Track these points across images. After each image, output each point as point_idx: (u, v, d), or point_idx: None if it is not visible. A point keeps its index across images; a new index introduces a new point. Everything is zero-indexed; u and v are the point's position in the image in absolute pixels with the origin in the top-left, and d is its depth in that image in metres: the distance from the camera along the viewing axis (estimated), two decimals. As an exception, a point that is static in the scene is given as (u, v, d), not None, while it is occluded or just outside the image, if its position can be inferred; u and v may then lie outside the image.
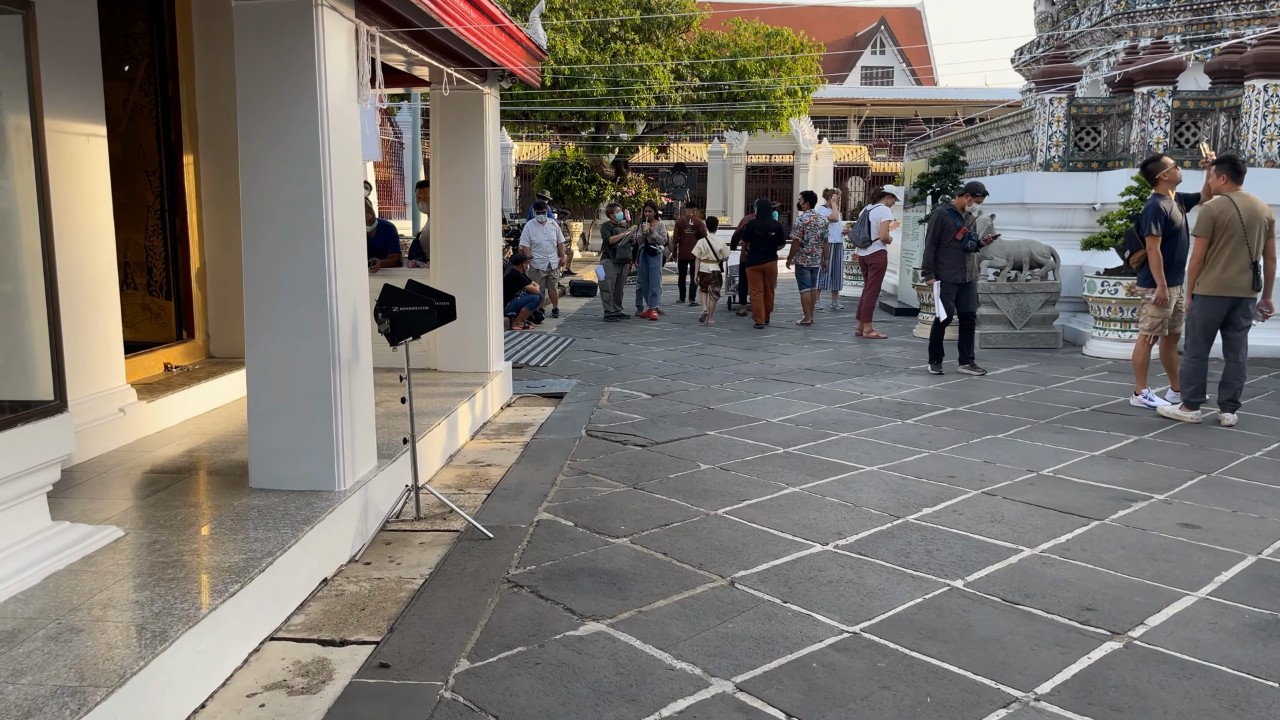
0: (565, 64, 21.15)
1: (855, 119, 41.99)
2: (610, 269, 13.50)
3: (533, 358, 10.02)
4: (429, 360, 7.66)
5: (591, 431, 6.79)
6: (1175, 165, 7.46)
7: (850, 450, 6.27)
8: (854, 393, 8.19)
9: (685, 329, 12.60)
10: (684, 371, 9.29)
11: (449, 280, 7.46)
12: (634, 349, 10.81)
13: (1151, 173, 7.49)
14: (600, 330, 12.53)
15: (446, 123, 7.36)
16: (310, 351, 4.27)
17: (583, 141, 25.82)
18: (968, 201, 9.13)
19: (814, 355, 10.27)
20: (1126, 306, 9.73)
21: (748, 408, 7.60)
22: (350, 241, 4.44)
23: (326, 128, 4.19)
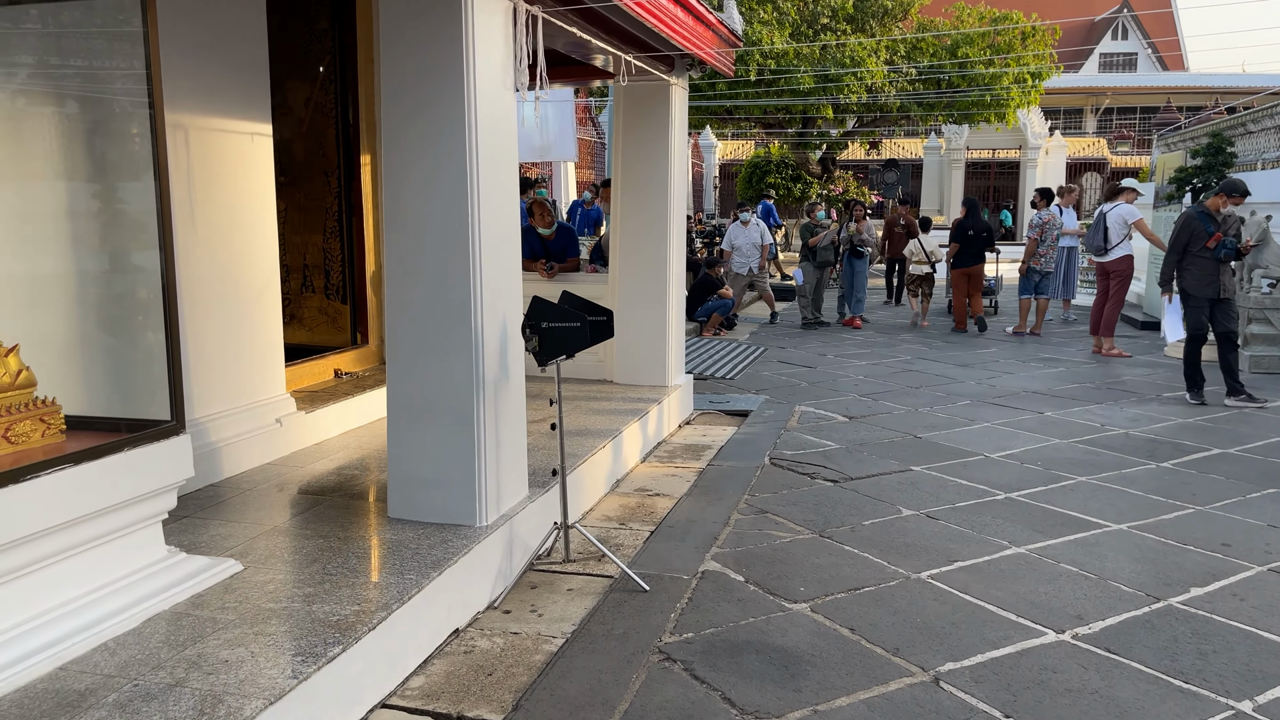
0: (771, 57, 20.35)
1: (1092, 109, 38.49)
2: (809, 273, 12.62)
3: (718, 369, 9.36)
4: (603, 372, 7.17)
5: (776, 460, 6.05)
6: None
7: (1090, 500, 5.19)
8: (1093, 424, 6.98)
9: (891, 339, 11.53)
10: (887, 390, 8.33)
11: (626, 287, 6.95)
12: (832, 362, 9.93)
13: None
14: (796, 339, 11.70)
15: (629, 117, 6.84)
16: (451, 371, 3.81)
17: (788, 138, 24.89)
18: (1223, 203, 7.62)
19: (1042, 375, 9.00)
20: None
21: (962, 438, 6.59)
22: (500, 249, 3.95)
23: (474, 122, 3.71)
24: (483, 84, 3.76)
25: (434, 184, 3.76)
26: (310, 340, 6.41)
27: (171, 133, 4.22)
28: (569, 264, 7.53)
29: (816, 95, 20.80)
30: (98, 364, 3.40)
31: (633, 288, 6.95)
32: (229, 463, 4.50)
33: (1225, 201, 7.63)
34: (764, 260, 13.20)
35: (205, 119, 4.44)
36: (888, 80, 21.79)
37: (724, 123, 24.62)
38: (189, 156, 4.33)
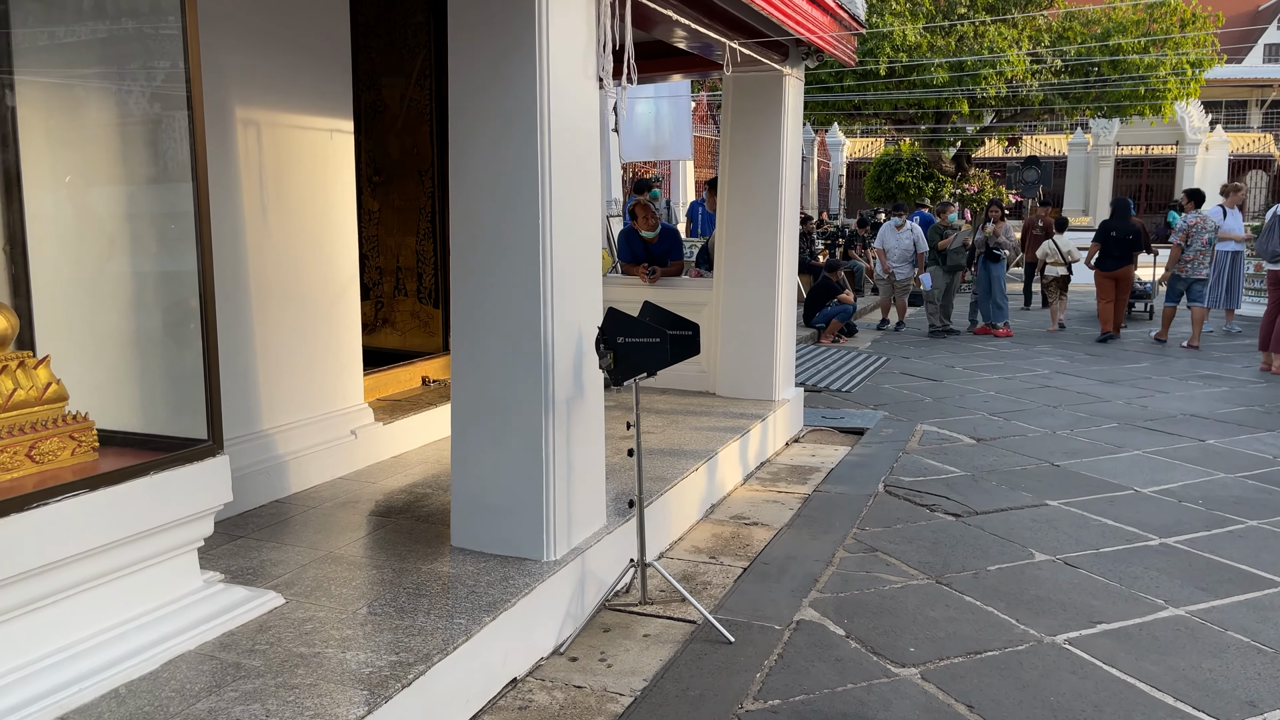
0: (903, 50, 19.41)
1: (1258, 102, 35.47)
2: (938, 277, 11.80)
3: (834, 380, 8.76)
4: (706, 383, 6.72)
5: (891, 487, 5.47)
6: None
7: (1264, 550, 4.42)
8: (1264, 455, 6.09)
9: (1028, 349, 10.64)
10: (1021, 409, 7.57)
11: (732, 293, 6.48)
12: (960, 375, 9.17)
13: None
14: (922, 348, 10.94)
15: (738, 110, 6.36)
16: (517, 387, 3.45)
17: (919, 135, 23.78)
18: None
19: (1203, 396, 8.03)
20: None
21: (1107, 468, 5.84)
22: (575, 254, 3.56)
23: (546, 114, 3.33)
24: (558, 72, 3.39)
25: (501, 182, 3.40)
26: (402, 345, 6.21)
27: (242, 129, 4.03)
28: (672, 268, 7.11)
29: (951, 89, 19.73)
30: (143, 376, 3.19)
31: (738, 294, 6.48)
32: (296, 477, 4.28)
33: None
34: (921, 269, 12.21)
35: (280, 114, 4.23)
36: (1029, 72, 20.49)
37: (851, 119, 23.73)
38: (261, 154, 4.12)
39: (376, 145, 6.22)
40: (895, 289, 12.50)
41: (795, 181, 6.59)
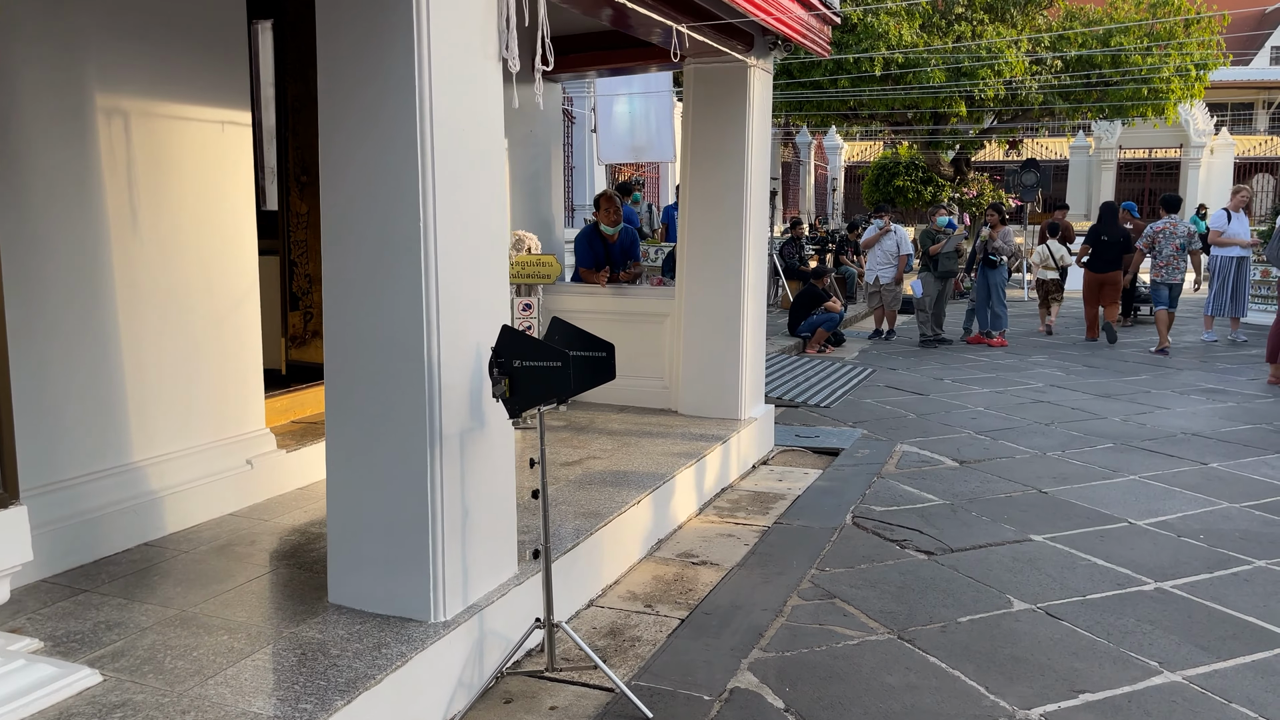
0: (900, 50, 18.91)
1: (1264, 104, 34.91)
2: (930, 284, 11.28)
3: (814, 394, 8.24)
4: (668, 400, 6.21)
5: (860, 518, 4.96)
6: None
7: (1273, 598, 3.90)
8: (1272, 482, 5.56)
9: (1021, 360, 10.11)
10: (1010, 427, 7.05)
11: (694, 303, 5.98)
12: (949, 388, 8.65)
13: None
14: (911, 359, 10.41)
15: (699, 106, 5.87)
16: (399, 420, 2.95)
17: (917, 138, 23.28)
18: None
19: (1206, 412, 7.50)
20: None
21: (1100, 496, 5.32)
22: (470, 262, 3.06)
23: (428, 102, 2.83)
24: (444, 50, 2.89)
25: (374, 179, 2.90)
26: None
27: (105, 120, 3.54)
28: (630, 272, 6.61)
29: (949, 90, 19.22)
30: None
31: (702, 304, 5.98)
32: (175, 516, 3.78)
33: None
34: (900, 272, 11.90)
35: (156, 104, 3.73)
36: (1029, 73, 19.97)
37: (848, 121, 23.22)
38: (129, 148, 3.63)
39: (305, 143, 5.74)
40: (883, 295, 11.99)
41: (763, 182, 6.09)
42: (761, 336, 6.31)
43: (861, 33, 19.15)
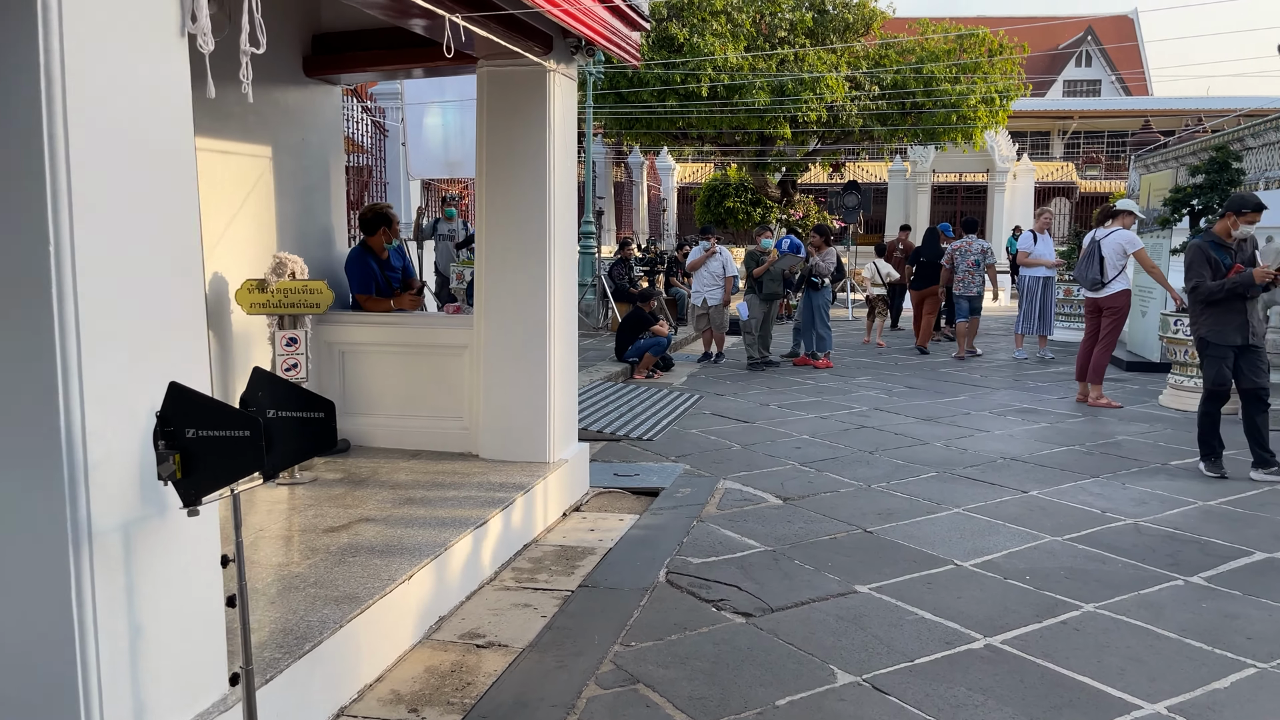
0: (726, 72, 18.97)
1: (1059, 133, 37.62)
2: (755, 306, 11.08)
3: (637, 426, 7.75)
4: (468, 443, 5.55)
5: (676, 574, 4.44)
6: None
7: (1106, 650, 3.62)
8: (1092, 509, 5.44)
9: (847, 382, 10.01)
10: (835, 456, 6.76)
11: (495, 333, 5.35)
12: (775, 414, 8.35)
13: None
14: (740, 383, 10.13)
15: (493, 114, 5.27)
16: (27, 512, 2.17)
17: (745, 159, 23.53)
18: (1233, 224, 6.19)
19: (1022, 434, 7.47)
20: None
21: (926, 533, 5.02)
22: (139, 295, 2.32)
23: (60, 85, 2.09)
24: (86, 19, 2.15)
25: None
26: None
27: None
28: (405, 298, 5.90)
29: (773, 112, 19.43)
30: None
31: (504, 335, 5.36)
32: None
33: (1236, 222, 6.18)
34: (727, 294, 11.69)
35: None
36: (849, 98, 20.49)
37: (679, 142, 23.19)
38: None
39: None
40: (711, 318, 11.73)
41: (568, 199, 5.54)
42: (572, 368, 5.74)
43: (688, 53, 19.11)
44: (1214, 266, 6.12)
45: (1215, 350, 6.12)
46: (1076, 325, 13.54)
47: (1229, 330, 6.07)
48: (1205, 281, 6.09)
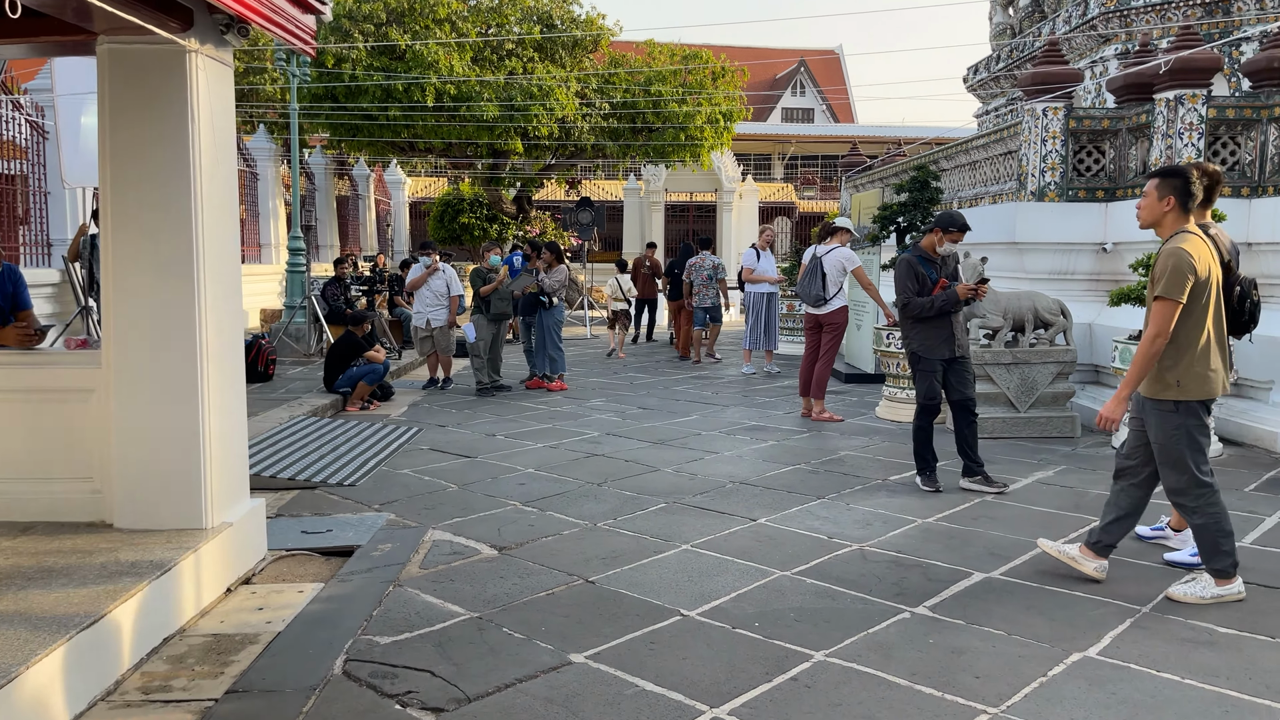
0: (451, 81, 18.17)
1: (779, 156, 39.95)
2: (483, 327, 10.40)
3: (338, 470, 6.81)
4: (99, 509, 4.46)
5: (355, 663, 3.65)
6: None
7: (841, 709, 3.25)
8: (819, 535, 5.22)
9: (581, 405, 9.56)
10: (563, 490, 6.22)
11: (129, 373, 4.31)
12: (500, 446, 7.71)
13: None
14: (466, 411, 9.40)
15: (117, 104, 4.27)
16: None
17: (478, 174, 22.80)
18: (939, 240, 6.35)
19: (751, 455, 7.30)
20: (1179, 385, 7.01)
21: (652, 578, 4.55)
22: None
23: None
24: None
25: None
26: None
27: None
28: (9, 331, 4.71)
29: (502, 127, 18.86)
30: None
31: (138, 372, 4.32)
32: None
33: (942, 239, 6.31)
34: (452, 315, 10.88)
35: None
36: (580, 114, 20.34)
37: (406, 153, 22.05)
38: None
39: None
40: (436, 340, 10.91)
41: (224, 207, 4.59)
42: (237, 407, 4.77)
43: (411, 60, 18.14)
44: (920, 280, 6.18)
45: (925, 364, 6.17)
46: (800, 339, 13.99)
47: (937, 344, 6.15)
48: (914, 297, 6.14)
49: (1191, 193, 4.16)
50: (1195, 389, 4.05)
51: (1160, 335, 4.00)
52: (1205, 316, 4.04)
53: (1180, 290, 3.95)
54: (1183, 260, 3.96)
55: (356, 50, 17.63)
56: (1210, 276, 4.04)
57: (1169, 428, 4.11)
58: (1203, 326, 4.04)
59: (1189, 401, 4.06)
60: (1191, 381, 4.05)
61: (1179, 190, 4.15)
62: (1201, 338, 4.03)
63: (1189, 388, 4.05)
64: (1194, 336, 4.02)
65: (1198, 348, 4.03)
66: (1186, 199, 4.15)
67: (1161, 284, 4.00)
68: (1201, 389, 4.06)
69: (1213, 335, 4.08)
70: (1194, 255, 3.98)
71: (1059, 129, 8.93)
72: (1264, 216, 7.80)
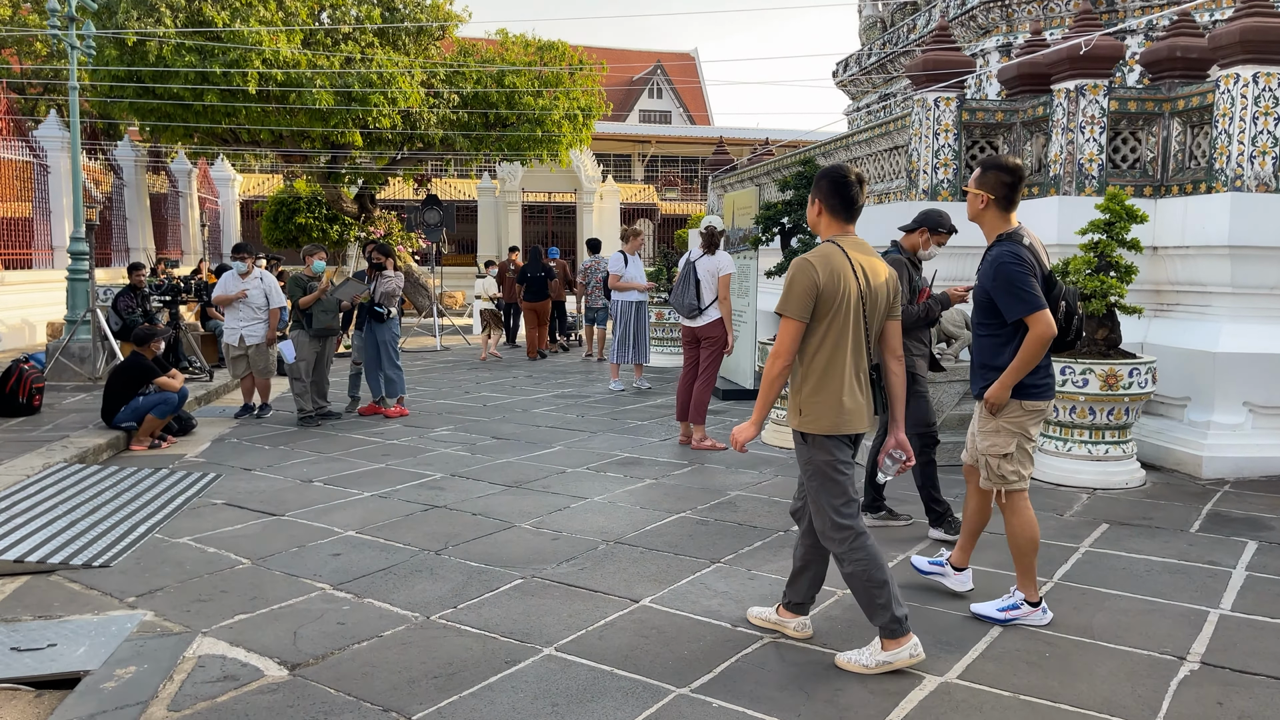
0: (278, 67, 16.24)
1: (640, 157, 39.13)
2: (304, 345, 8.82)
3: (85, 547, 5.16)
4: None
5: None
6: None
7: None
8: (719, 623, 4.06)
9: (423, 435, 8.14)
10: (390, 563, 4.84)
11: None
12: (317, 496, 6.23)
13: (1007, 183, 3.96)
14: (283, 447, 7.82)
15: None
16: None
17: (313, 170, 20.80)
18: (925, 243, 5.35)
19: (626, 499, 6.10)
20: (1103, 408, 6.26)
21: (503, 710, 3.27)
22: None
23: None
24: None
25: None
26: None
27: None
28: None
29: (339, 115, 17.05)
30: None
31: None
32: None
33: (929, 240, 5.29)
34: (272, 330, 9.18)
35: None
36: (427, 106, 18.72)
37: (228, 143, 19.82)
38: None
39: None
40: (251, 360, 9.24)
41: None
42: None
43: (229, 41, 16.11)
44: (914, 289, 5.19)
45: (917, 383, 5.17)
46: (670, 350, 12.94)
47: (922, 360, 5.20)
48: (906, 305, 5.12)
49: (1012, 191, 3.87)
50: (820, 420, 3.52)
51: (779, 356, 3.53)
52: (835, 340, 3.50)
53: (801, 308, 3.48)
54: (804, 274, 3.48)
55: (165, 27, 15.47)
56: (845, 294, 3.49)
57: (801, 460, 3.66)
58: (831, 351, 3.51)
59: (817, 434, 3.54)
60: (816, 411, 3.53)
61: (994, 185, 3.86)
62: (826, 363, 3.51)
63: (813, 418, 3.53)
64: (819, 362, 3.52)
65: (822, 374, 3.52)
66: (1006, 194, 3.87)
67: (781, 299, 3.54)
68: (827, 421, 3.51)
69: (849, 363, 3.52)
70: (819, 268, 3.47)
71: (951, 121, 8.15)
72: (1170, 219, 7.20)
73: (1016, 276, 3.77)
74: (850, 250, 3.55)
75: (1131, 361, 6.23)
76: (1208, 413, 6.76)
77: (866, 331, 3.55)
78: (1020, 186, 3.92)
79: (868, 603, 3.55)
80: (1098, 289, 6.16)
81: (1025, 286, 3.76)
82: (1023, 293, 3.77)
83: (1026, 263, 3.81)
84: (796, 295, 3.48)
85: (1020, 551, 4.00)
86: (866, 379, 3.60)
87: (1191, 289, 7.23)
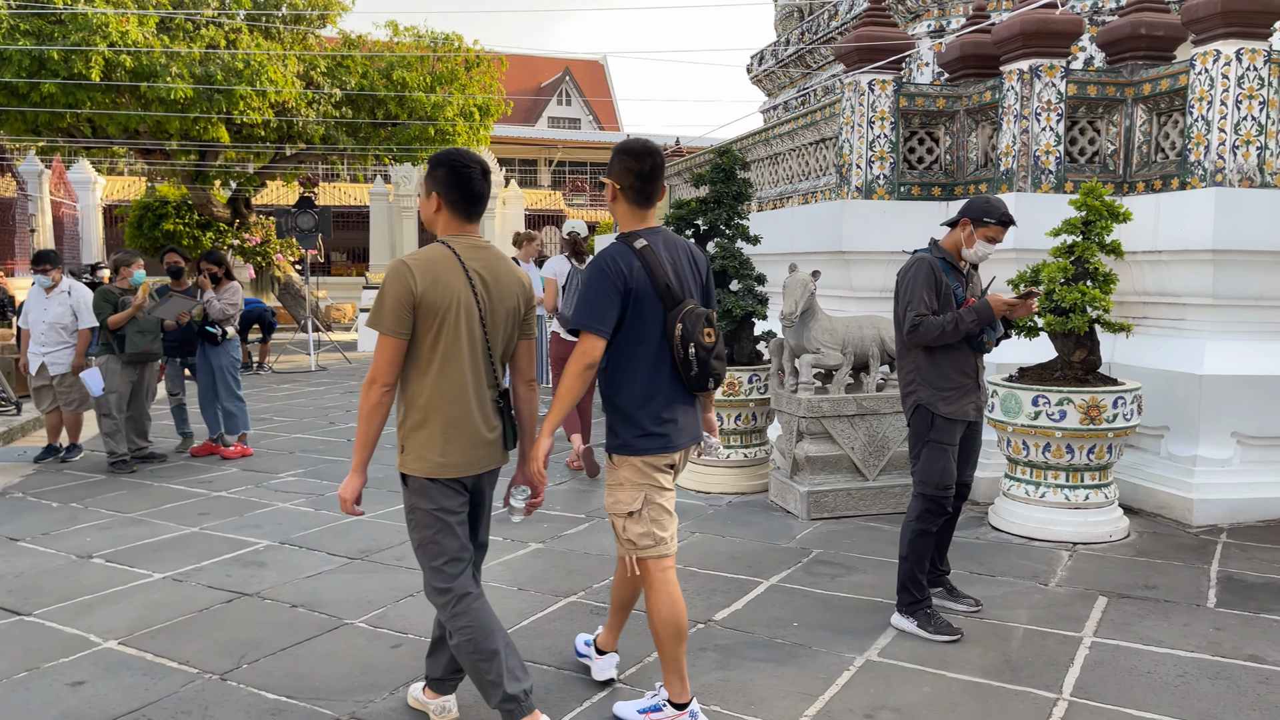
0: (127, 51, 14.36)
1: (546, 163, 37.73)
2: (115, 375, 7.18)
3: None
4: None
5: None
6: None
7: None
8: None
9: (262, 484, 6.60)
10: (148, 698, 3.38)
11: None
12: (91, 579, 4.69)
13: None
14: (76, 503, 6.20)
15: None
16: None
17: (179, 171, 18.83)
18: (969, 239, 4.06)
19: (502, 574, 4.71)
20: (1082, 445, 5.17)
21: None
22: None
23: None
24: None
25: None
26: None
27: None
28: None
29: (201, 108, 15.22)
30: None
31: None
32: None
33: (974, 235, 3.97)
34: (79, 356, 7.43)
35: None
36: (305, 101, 17.00)
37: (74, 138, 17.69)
38: None
39: None
40: (57, 392, 7.55)
41: None
42: None
43: (70, 24, 14.18)
44: (941, 292, 3.90)
45: (943, 430, 3.91)
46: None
47: (960, 396, 3.92)
48: (928, 316, 3.84)
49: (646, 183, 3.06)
50: (421, 460, 2.91)
51: (374, 381, 2.87)
52: (441, 361, 2.88)
53: (396, 321, 2.83)
54: (397, 279, 2.84)
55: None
56: (454, 305, 2.86)
57: (405, 504, 3.01)
58: (437, 375, 2.88)
59: (418, 476, 2.92)
60: (418, 449, 2.92)
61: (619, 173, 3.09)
62: (432, 390, 2.89)
63: (414, 456, 2.93)
64: (424, 387, 2.91)
65: (427, 404, 2.90)
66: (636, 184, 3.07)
67: (373, 311, 2.92)
68: (429, 462, 2.90)
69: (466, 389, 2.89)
70: (417, 273, 2.84)
71: (888, 108, 7.04)
72: (1139, 220, 6.20)
73: (592, 281, 2.99)
74: (464, 253, 2.91)
75: (1115, 389, 5.16)
76: (1192, 445, 5.76)
77: (489, 350, 2.94)
78: (659, 177, 3.10)
79: (477, 680, 2.91)
80: (1078, 302, 5.07)
81: (594, 296, 2.96)
82: (584, 303, 2.99)
83: (612, 271, 2.97)
84: (390, 306, 2.82)
85: (660, 638, 3.08)
86: (493, 408, 2.96)
87: (1163, 300, 6.25)
